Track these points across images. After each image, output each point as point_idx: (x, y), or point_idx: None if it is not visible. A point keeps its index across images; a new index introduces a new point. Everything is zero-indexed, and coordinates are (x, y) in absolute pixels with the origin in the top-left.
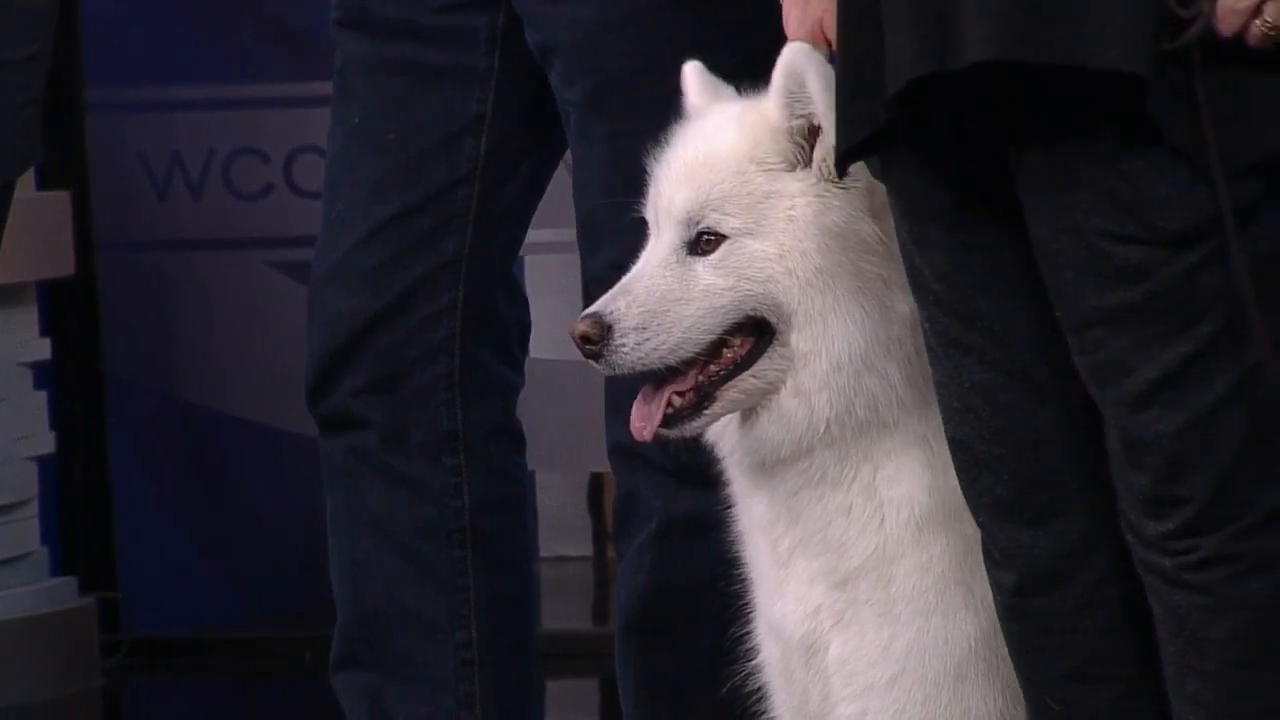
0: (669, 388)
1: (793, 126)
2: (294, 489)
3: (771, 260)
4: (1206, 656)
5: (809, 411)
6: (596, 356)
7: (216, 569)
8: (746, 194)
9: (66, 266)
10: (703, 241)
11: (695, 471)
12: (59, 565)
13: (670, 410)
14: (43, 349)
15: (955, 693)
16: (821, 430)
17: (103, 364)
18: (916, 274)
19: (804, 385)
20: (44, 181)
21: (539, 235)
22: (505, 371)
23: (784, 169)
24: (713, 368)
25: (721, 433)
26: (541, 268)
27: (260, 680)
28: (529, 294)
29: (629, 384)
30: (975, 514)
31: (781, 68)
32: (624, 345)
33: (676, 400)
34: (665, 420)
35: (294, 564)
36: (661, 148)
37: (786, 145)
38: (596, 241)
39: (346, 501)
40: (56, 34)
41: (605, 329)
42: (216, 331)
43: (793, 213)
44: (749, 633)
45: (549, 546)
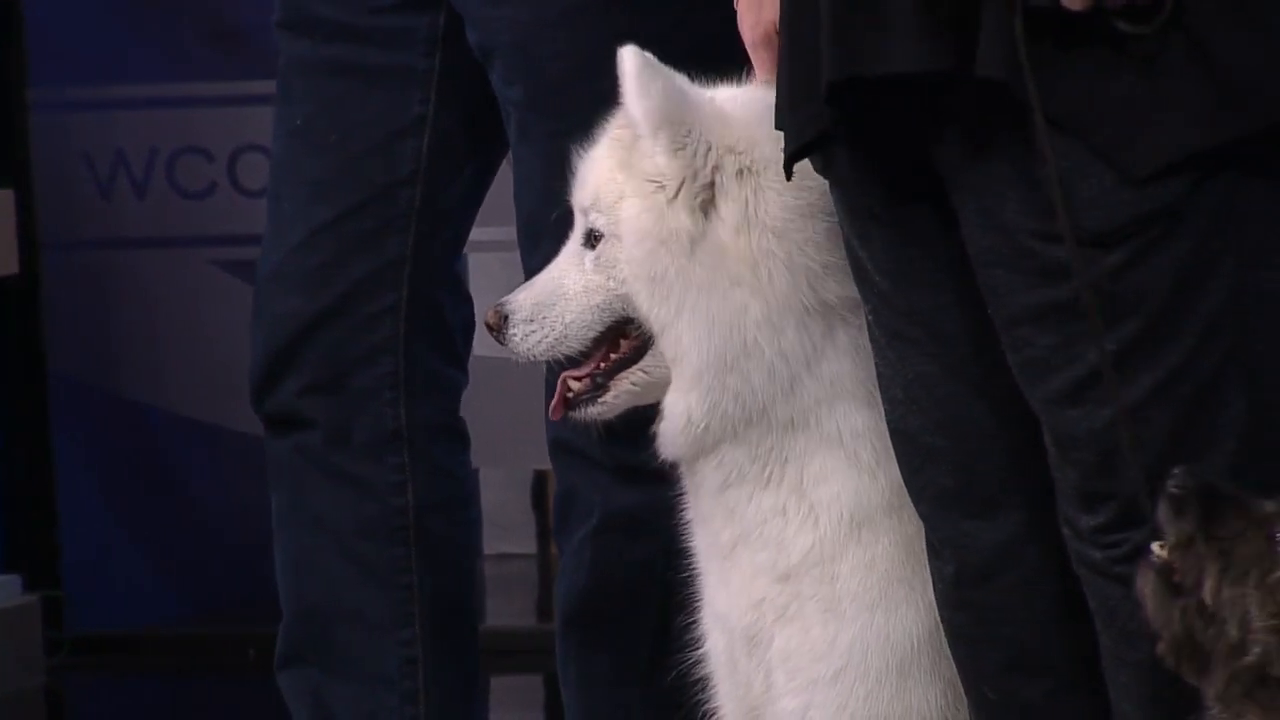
0: (568, 373)
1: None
2: (238, 487)
3: (623, 265)
4: (1137, 648)
5: (686, 409)
6: (503, 344)
7: (161, 567)
8: (609, 195)
9: (10, 265)
10: (592, 237)
11: (634, 468)
12: (2, 563)
13: (570, 395)
14: None
15: (898, 689)
16: (701, 429)
17: (46, 362)
18: (860, 267)
19: (679, 385)
20: None
21: (482, 234)
22: (449, 370)
23: (640, 175)
24: (613, 356)
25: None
26: (484, 266)
27: (205, 678)
28: (472, 292)
29: None
30: (917, 504)
31: (622, 75)
32: (515, 335)
33: (574, 385)
34: (567, 404)
35: (238, 562)
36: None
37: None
38: (536, 239)
39: (291, 500)
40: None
41: (503, 319)
42: (160, 330)
43: (625, 219)
44: (695, 621)
45: (492, 544)
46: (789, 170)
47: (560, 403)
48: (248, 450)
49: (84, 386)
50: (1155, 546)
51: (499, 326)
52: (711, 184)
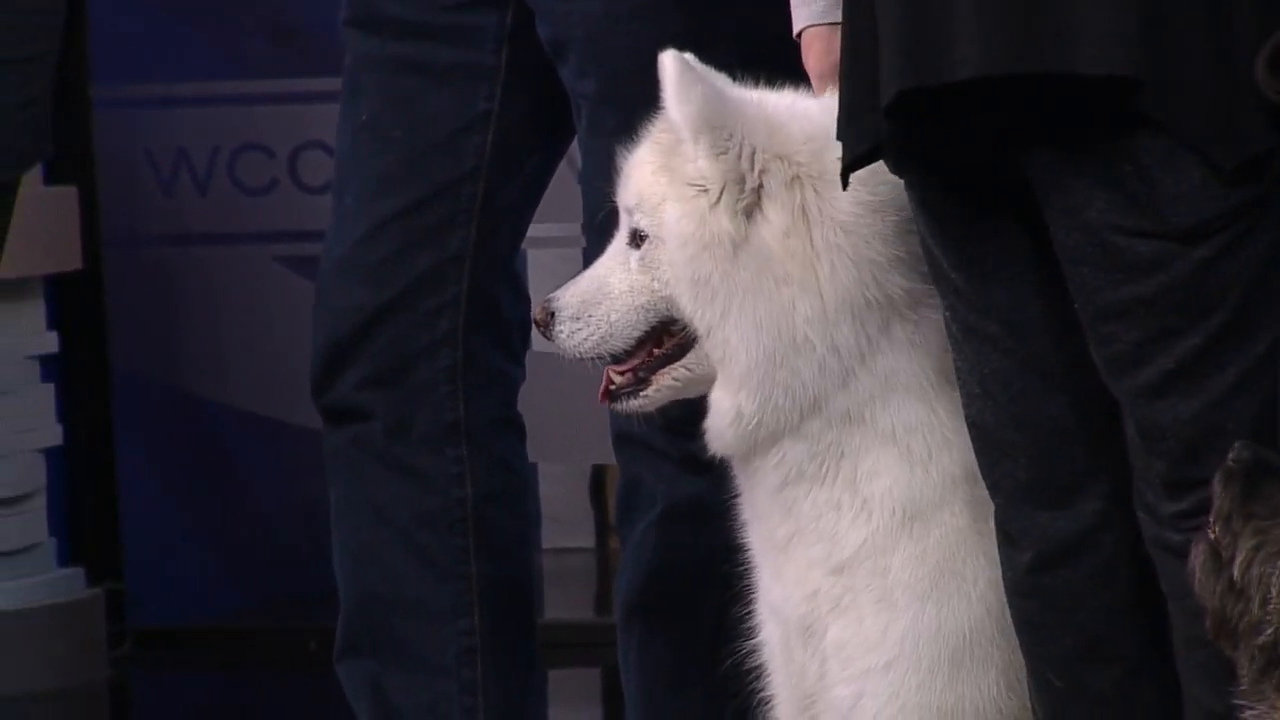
0: (612, 368)
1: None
2: (298, 481)
3: (666, 268)
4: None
5: (735, 406)
6: (550, 340)
7: (221, 560)
8: (652, 197)
9: (74, 261)
10: (637, 237)
11: (698, 458)
12: (66, 556)
13: (612, 387)
14: (50, 342)
15: (950, 679)
16: (753, 424)
17: (109, 357)
18: (935, 264)
19: (727, 384)
20: (51, 177)
21: (540, 230)
22: (506, 365)
23: (681, 179)
24: (656, 352)
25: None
26: (542, 262)
27: (265, 670)
28: (530, 288)
29: None
30: (993, 496)
31: (663, 79)
32: (562, 332)
33: (617, 378)
34: (610, 396)
35: (298, 555)
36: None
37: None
38: (603, 232)
39: (350, 492)
40: (64, 33)
41: (550, 315)
42: (221, 325)
43: (668, 223)
44: (750, 612)
45: (551, 538)
46: (845, 180)
47: (603, 394)
48: (308, 445)
49: (146, 381)
50: (1211, 519)
51: (546, 323)
52: (759, 188)
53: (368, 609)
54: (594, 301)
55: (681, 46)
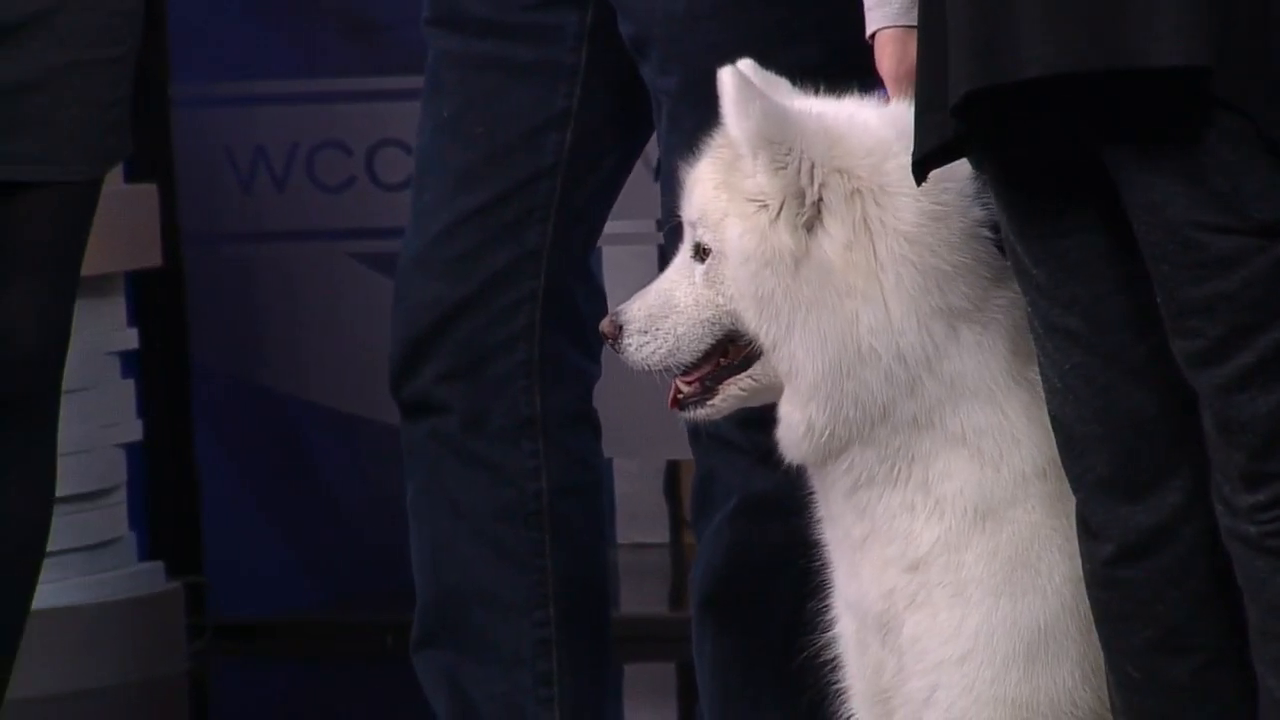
0: (679, 377)
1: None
2: (376, 476)
3: (729, 283)
4: None
5: (806, 419)
6: (619, 352)
7: (300, 554)
8: (714, 213)
9: (154, 258)
10: (700, 251)
11: (772, 452)
12: (146, 550)
13: (680, 396)
14: (130, 338)
15: (1025, 672)
16: (825, 436)
17: (189, 353)
18: (1017, 261)
19: (795, 398)
20: (132, 175)
21: (614, 227)
22: (582, 360)
23: (741, 195)
24: (722, 362)
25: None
26: (617, 259)
27: (342, 663)
28: (605, 285)
29: None
30: (1075, 491)
31: (721, 94)
32: (630, 345)
33: (684, 387)
34: (678, 403)
35: (375, 549)
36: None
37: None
38: (679, 232)
39: (426, 485)
40: (144, 32)
41: (618, 329)
42: (299, 321)
43: (729, 239)
44: (826, 605)
45: (626, 534)
46: (919, 177)
47: (672, 402)
48: (385, 440)
49: (225, 377)
50: None
51: (614, 336)
52: (819, 202)
53: (444, 601)
54: (661, 315)
55: (762, 45)
